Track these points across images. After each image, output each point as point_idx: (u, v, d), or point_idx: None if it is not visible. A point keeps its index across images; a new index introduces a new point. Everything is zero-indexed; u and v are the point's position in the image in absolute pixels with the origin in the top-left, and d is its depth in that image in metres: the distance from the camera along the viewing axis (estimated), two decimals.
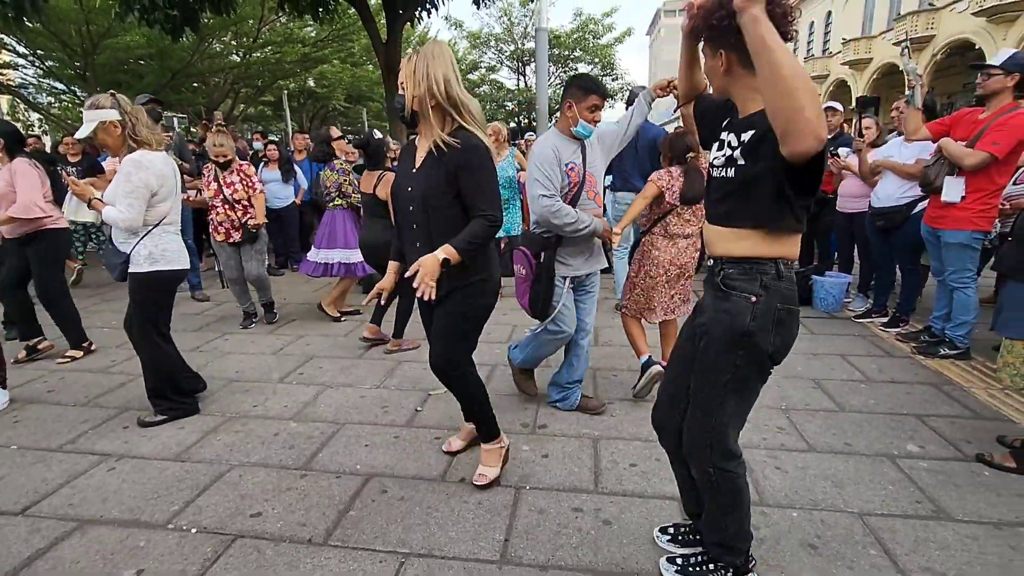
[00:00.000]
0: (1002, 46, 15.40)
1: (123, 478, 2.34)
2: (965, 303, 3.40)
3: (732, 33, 1.31)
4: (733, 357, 1.45)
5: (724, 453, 1.55)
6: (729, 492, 1.58)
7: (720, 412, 1.52)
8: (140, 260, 2.71)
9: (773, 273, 1.42)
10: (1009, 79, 3.09)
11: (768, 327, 1.42)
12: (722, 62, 1.41)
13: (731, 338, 1.44)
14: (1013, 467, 2.25)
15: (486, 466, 2.27)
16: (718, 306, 1.48)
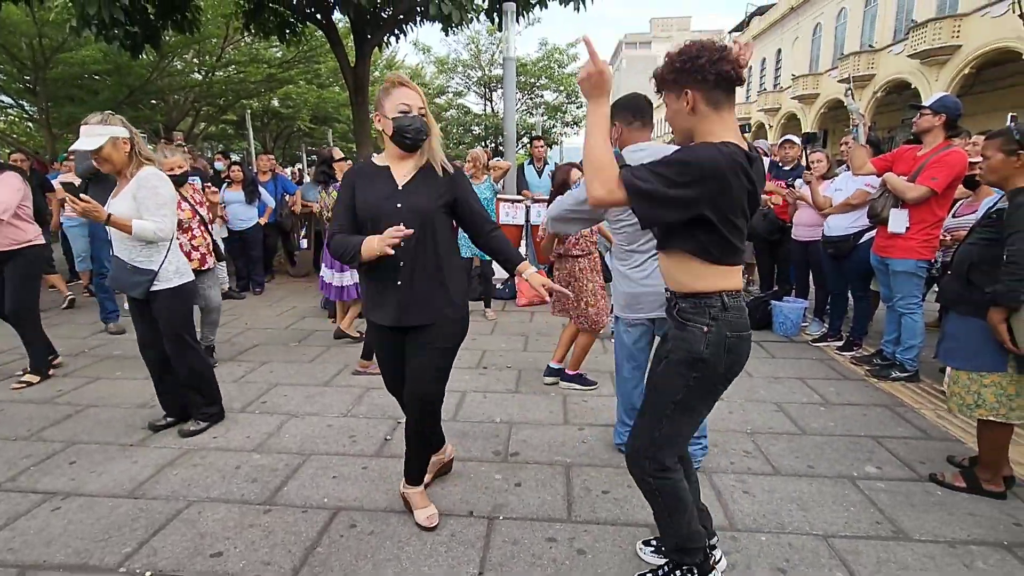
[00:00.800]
0: (934, 86, 16.68)
1: (69, 518, 2.19)
2: (912, 328, 3.59)
3: (699, 73, 1.47)
4: (687, 378, 1.60)
5: (660, 466, 1.67)
6: (670, 496, 1.69)
7: (664, 425, 1.64)
8: (169, 275, 2.79)
9: (719, 306, 1.57)
10: (937, 119, 3.37)
11: (720, 353, 1.57)
12: (687, 101, 1.51)
13: (688, 361, 1.59)
14: (963, 487, 2.36)
15: (426, 507, 2.18)
16: (677, 335, 1.63)
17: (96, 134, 2.59)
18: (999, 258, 2.19)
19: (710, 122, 1.52)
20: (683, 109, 1.53)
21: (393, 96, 1.91)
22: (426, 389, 2.03)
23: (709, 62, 1.46)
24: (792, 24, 27.32)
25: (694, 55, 1.47)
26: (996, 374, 2.25)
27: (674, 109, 1.55)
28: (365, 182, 2.00)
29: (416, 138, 1.93)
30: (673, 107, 1.56)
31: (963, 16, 16.44)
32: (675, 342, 1.62)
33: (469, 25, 8.59)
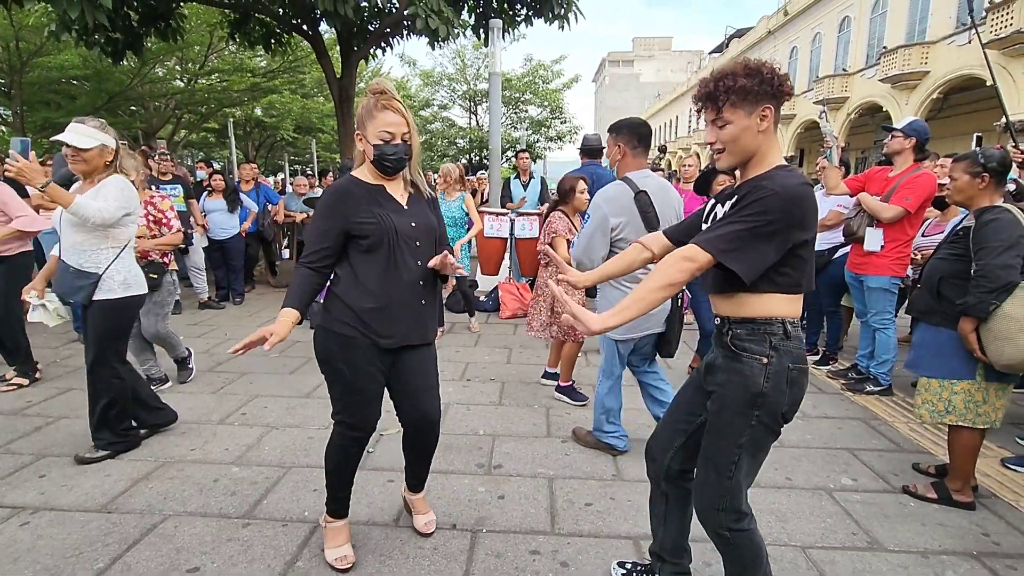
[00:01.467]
0: (904, 109, 17.30)
1: (39, 533, 2.13)
2: (886, 342, 3.69)
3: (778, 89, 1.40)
4: (748, 418, 1.44)
5: (739, 514, 1.54)
6: (749, 549, 1.56)
7: (735, 473, 1.50)
8: (114, 286, 2.64)
9: (781, 333, 1.43)
10: (907, 141, 3.52)
11: (782, 387, 1.43)
12: (764, 117, 1.42)
13: (745, 400, 1.44)
14: (934, 498, 2.43)
15: (426, 513, 2.21)
16: (730, 367, 1.47)
17: (89, 136, 2.54)
18: (967, 272, 2.31)
19: (773, 143, 1.46)
20: (754, 127, 1.42)
21: (377, 120, 1.79)
22: (433, 404, 2.01)
23: (784, 79, 1.40)
24: (769, 47, 28.14)
25: (771, 70, 1.40)
26: (966, 381, 2.35)
27: (742, 126, 1.42)
28: (367, 202, 1.83)
29: (397, 166, 1.85)
30: (741, 124, 1.42)
31: (931, 43, 17.14)
32: (727, 375, 1.47)
33: (455, 40, 8.68)
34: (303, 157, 27.02)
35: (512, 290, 6.01)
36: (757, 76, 1.39)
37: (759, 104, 1.41)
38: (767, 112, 1.42)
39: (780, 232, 1.35)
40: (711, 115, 1.47)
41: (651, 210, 2.51)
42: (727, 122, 1.44)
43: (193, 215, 5.95)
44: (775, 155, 1.47)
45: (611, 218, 2.51)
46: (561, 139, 24.49)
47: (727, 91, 1.40)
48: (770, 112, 1.42)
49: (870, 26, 20.76)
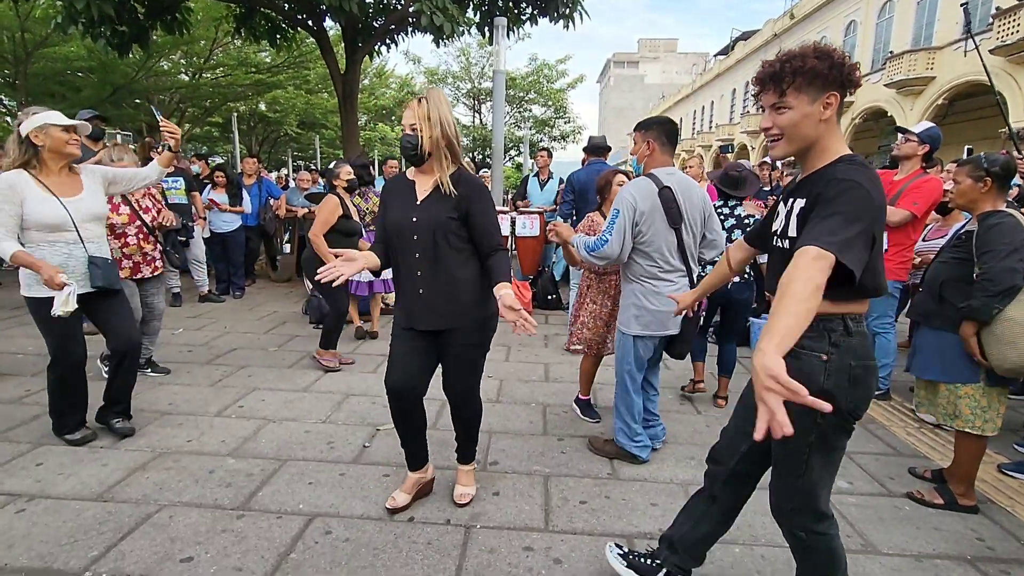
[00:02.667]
0: (910, 115, 17.26)
1: (34, 521, 2.13)
2: (885, 347, 3.68)
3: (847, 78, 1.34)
4: (813, 417, 1.30)
5: (816, 515, 1.49)
6: (825, 553, 1.52)
7: (807, 474, 1.45)
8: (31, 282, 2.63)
9: (841, 329, 1.39)
10: (921, 148, 3.50)
11: (845, 384, 1.38)
12: (827, 105, 1.35)
13: None
14: (940, 503, 2.42)
15: (468, 486, 2.40)
16: (788, 365, 1.34)
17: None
18: (969, 276, 2.31)
19: (836, 134, 1.40)
20: (817, 115, 1.36)
21: (402, 120, 2.06)
22: (462, 382, 2.23)
23: (854, 67, 1.34)
24: (775, 50, 27.58)
25: (843, 55, 1.34)
26: (969, 386, 2.35)
27: (804, 113, 1.35)
28: (395, 195, 2.15)
29: (407, 155, 2.05)
30: (802, 111, 1.35)
31: (937, 49, 17.10)
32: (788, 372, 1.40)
33: (460, 38, 8.68)
34: (306, 153, 27.07)
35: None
36: (828, 60, 1.32)
37: (825, 90, 1.34)
38: (832, 100, 1.35)
39: (870, 227, 1.30)
40: (772, 98, 1.39)
41: (674, 206, 2.52)
42: (788, 107, 1.37)
43: (195, 207, 5.95)
44: (840, 145, 1.40)
45: (637, 209, 2.50)
46: (565, 139, 24.49)
47: (794, 72, 1.33)
48: (835, 100, 1.36)
49: (876, 31, 20.73)
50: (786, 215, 1.48)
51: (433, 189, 2.09)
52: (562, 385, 3.86)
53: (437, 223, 2.04)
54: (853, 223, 1.26)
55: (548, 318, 5.88)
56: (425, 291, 2.08)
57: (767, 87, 1.40)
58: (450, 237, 2.06)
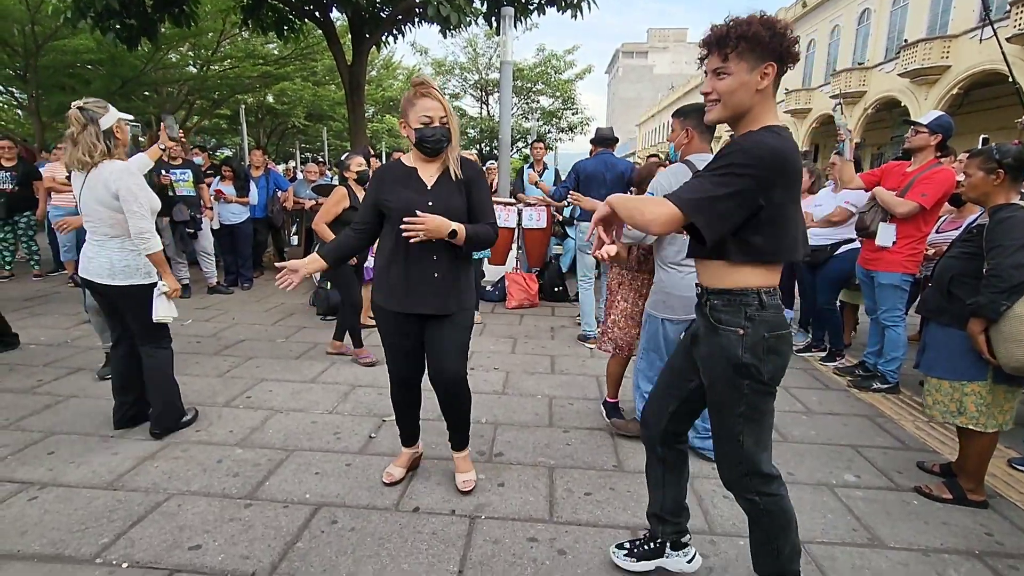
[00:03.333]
0: (924, 105, 16.98)
1: (46, 508, 2.17)
2: (895, 340, 3.64)
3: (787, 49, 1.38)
4: (740, 387, 1.48)
5: (762, 477, 1.56)
6: (779, 514, 1.58)
7: (744, 440, 1.53)
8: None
9: (756, 304, 1.46)
10: (932, 138, 3.42)
11: (761, 355, 1.46)
12: (764, 75, 1.39)
13: (731, 370, 1.48)
14: (950, 498, 2.40)
15: (469, 472, 2.42)
16: (711, 339, 1.51)
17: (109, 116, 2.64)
18: (979, 271, 2.25)
19: (769, 105, 1.44)
20: (753, 83, 1.40)
21: (417, 107, 2.03)
22: (451, 366, 2.18)
23: (794, 41, 1.38)
24: None
25: (784, 29, 1.38)
26: (976, 383, 2.31)
27: (741, 80, 1.40)
28: (395, 181, 2.14)
29: (436, 147, 2.07)
30: (741, 78, 1.40)
31: (953, 37, 16.77)
32: (709, 347, 1.52)
33: (467, 28, 8.63)
34: (314, 145, 27.08)
35: (519, 280, 6.00)
36: (771, 28, 1.36)
37: (764, 60, 1.38)
38: (769, 70, 1.39)
39: (747, 191, 1.34)
40: (715, 63, 1.43)
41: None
42: (728, 72, 1.41)
43: (203, 199, 5.98)
44: (769, 118, 1.44)
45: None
46: (572, 130, 24.30)
47: (739, 37, 1.37)
48: (772, 71, 1.40)
49: (890, 18, 20.35)
50: None
51: (440, 174, 2.13)
52: (568, 377, 3.86)
53: (453, 210, 2.08)
54: (719, 183, 1.33)
55: (554, 310, 5.87)
56: (441, 275, 2.11)
57: (712, 51, 1.44)
58: (462, 222, 2.10)
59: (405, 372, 2.30)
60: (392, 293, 2.14)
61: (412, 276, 2.11)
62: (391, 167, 2.20)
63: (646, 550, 1.90)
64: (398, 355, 2.26)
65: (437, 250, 2.09)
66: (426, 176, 2.14)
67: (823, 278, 4.24)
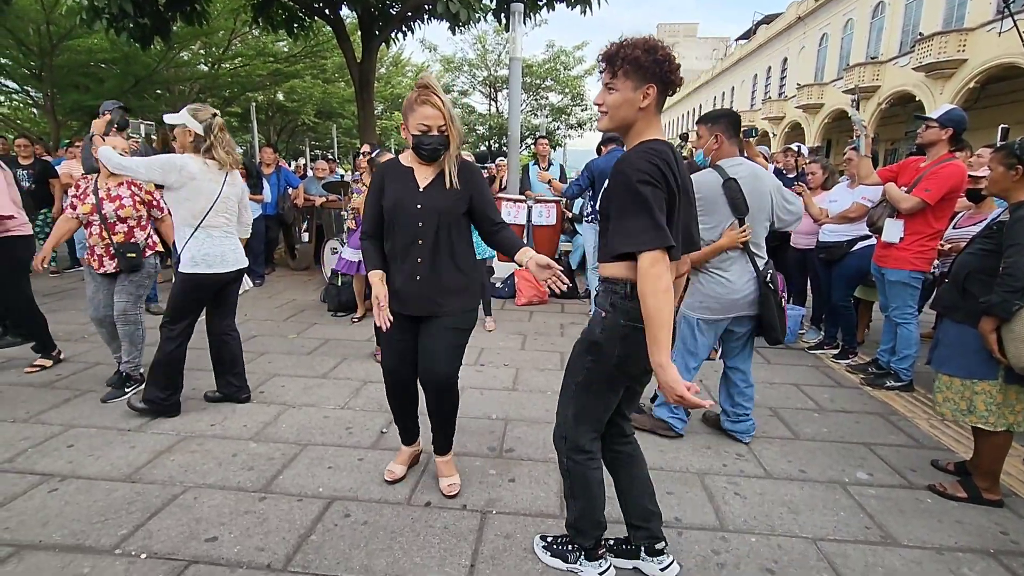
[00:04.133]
0: (939, 99, 16.74)
1: (66, 500, 2.21)
2: (908, 337, 3.60)
3: (667, 74, 1.52)
4: (584, 361, 1.67)
5: (574, 447, 1.75)
6: (579, 479, 1.77)
7: (571, 406, 1.73)
8: (185, 261, 2.90)
9: (623, 292, 1.57)
10: (944, 132, 3.36)
11: (614, 340, 1.59)
12: (646, 95, 1.53)
13: (586, 345, 1.67)
14: (964, 497, 2.38)
15: (452, 475, 2.38)
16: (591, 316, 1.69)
17: (178, 116, 2.89)
18: (996, 269, 2.21)
19: (650, 121, 1.59)
20: (636, 102, 1.54)
21: (416, 113, 2.01)
22: (439, 368, 2.15)
23: (674, 70, 1.53)
24: (799, 34, 27.39)
25: (670, 58, 1.52)
26: (987, 382, 2.28)
27: (626, 97, 1.54)
28: (392, 181, 2.13)
29: (432, 156, 2.07)
30: (625, 95, 1.54)
31: (969, 31, 16.51)
32: (588, 326, 1.71)
33: (476, 24, 8.61)
34: (324, 142, 27.22)
35: (528, 277, 6.01)
36: (652, 54, 1.50)
37: (646, 82, 1.52)
38: (650, 91, 1.52)
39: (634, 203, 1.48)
40: (607, 77, 1.58)
41: (740, 196, 2.57)
42: (616, 88, 1.55)
43: None
44: (651, 132, 1.58)
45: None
46: (582, 126, 24.23)
47: (623, 59, 1.51)
48: (652, 92, 1.53)
49: (905, 12, 20.07)
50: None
51: (436, 177, 2.12)
52: None
53: (443, 212, 2.08)
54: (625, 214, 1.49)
55: (564, 307, 5.87)
56: (422, 278, 2.09)
57: (605, 67, 1.58)
58: (452, 225, 2.11)
59: (398, 372, 2.27)
60: (395, 292, 2.14)
61: (399, 276, 2.11)
62: (389, 166, 2.20)
63: (626, 550, 1.94)
64: (392, 354, 2.25)
65: (421, 252, 2.08)
66: (421, 177, 2.12)
67: (839, 275, 4.20)
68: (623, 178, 1.49)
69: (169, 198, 2.89)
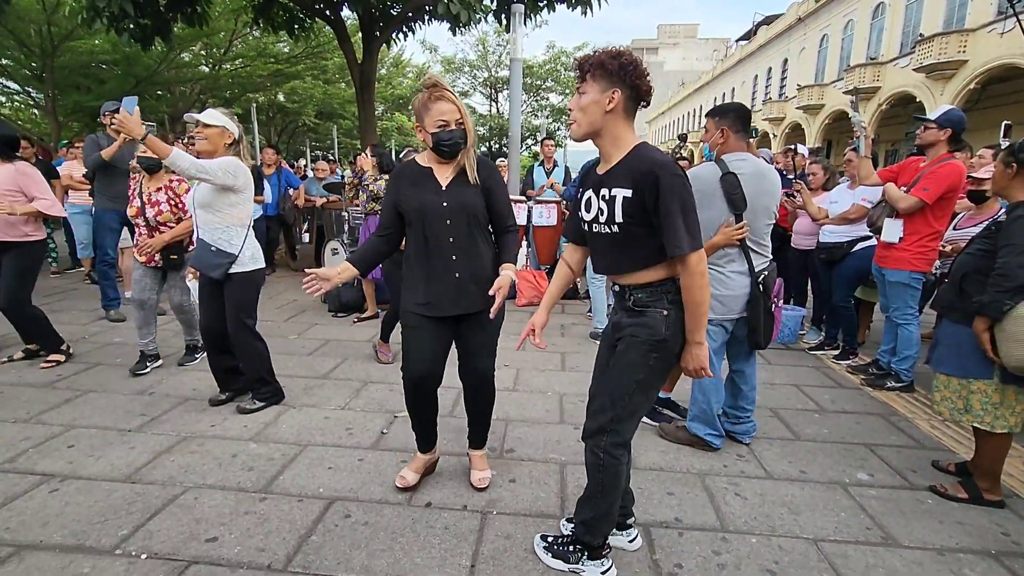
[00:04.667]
0: (940, 100, 16.73)
1: (67, 500, 2.22)
2: (908, 338, 3.60)
3: (634, 81, 1.59)
4: (648, 359, 1.72)
5: (619, 442, 1.77)
6: (612, 475, 1.79)
7: (627, 403, 1.74)
8: (245, 260, 2.97)
9: (674, 289, 1.69)
10: (942, 133, 3.36)
11: (678, 334, 1.70)
12: (611, 99, 1.61)
13: (650, 344, 1.71)
14: (965, 497, 2.38)
15: (484, 470, 2.43)
16: (636, 320, 1.73)
17: (215, 117, 2.92)
18: (991, 269, 2.22)
19: (619, 126, 1.66)
20: (602, 104, 1.62)
21: (432, 111, 2.03)
22: (484, 364, 2.25)
23: (641, 76, 1.61)
24: (799, 34, 27.39)
25: (636, 65, 1.60)
26: (982, 381, 2.28)
27: (593, 99, 1.63)
28: (411, 182, 2.15)
29: (453, 149, 2.08)
30: (592, 97, 1.63)
31: (970, 31, 16.50)
32: (633, 328, 1.73)
33: (477, 25, 8.63)
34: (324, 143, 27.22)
35: (528, 277, 6.01)
36: (617, 60, 1.60)
37: (612, 85, 1.60)
38: (615, 95, 1.60)
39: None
40: (578, 83, 1.67)
41: (738, 192, 2.50)
42: (584, 92, 1.64)
43: None
44: (631, 139, 1.67)
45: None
46: None
47: (591, 64, 1.62)
48: (618, 96, 1.60)
49: (906, 12, 20.05)
50: (608, 203, 1.67)
51: (456, 175, 2.14)
52: (579, 374, 3.86)
53: (469, 208, 2.10)
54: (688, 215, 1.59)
55: (564, 307, 5.87)
56: (461, 275, 2.11)
57: (577, 75, 1.68)
58: (480, 220, 2.14)
59: (428, 379, 2.21)
60: (419, 296, 2.14)
61: (433, 278, 2.11)
62: (407, 168, 2.20)
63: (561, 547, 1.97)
64: (422, 361, 2.18)
65: (455, 250, 2.10)
66: (441, 176, 2.14)
67: (839, 276, 4.20)
68: (682, 180, 1.57)
69: (224, 200, 2.91)
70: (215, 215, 2.92)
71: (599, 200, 1.70)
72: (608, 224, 1.68)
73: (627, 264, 1.72)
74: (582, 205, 1.79)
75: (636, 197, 1.60)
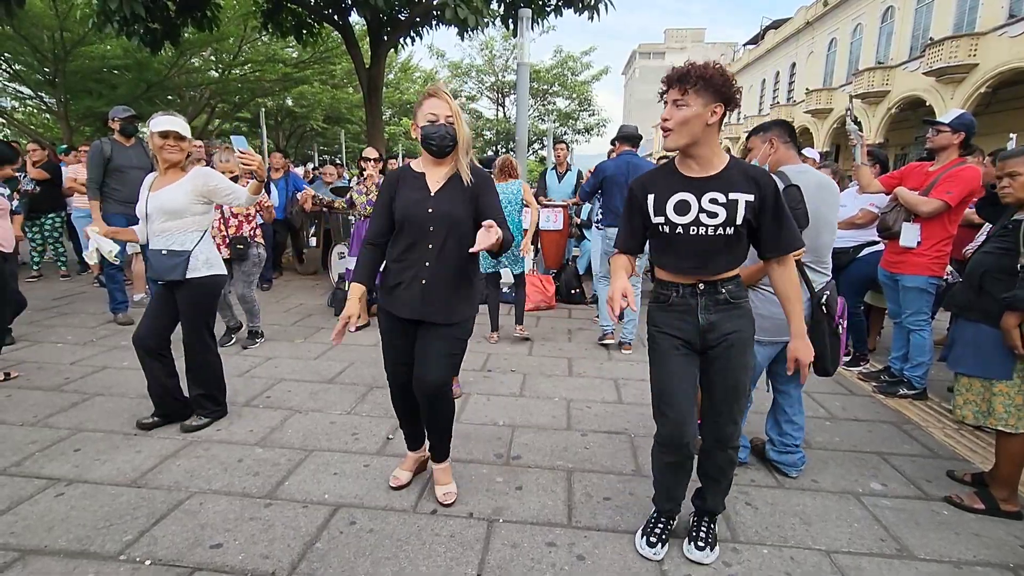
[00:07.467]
0: (949, 104, 16.59)
1: (72, 504, 2.21)
2: (921, 345, 3.55)
3: (732, 97, 1.69)
4: (752, 349, 1.90)
5: (740, 430, 1.95)
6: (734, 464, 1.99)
7: (742, 402, 1.91)
8: (199, 265, 2.86)
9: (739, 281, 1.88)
10: (955, 136, 3.33)
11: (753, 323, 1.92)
12: (714, 113, 1.69)
13: (751, 335, 1.89)
14: (982, 508, 2.33)
15: (449, 484, 2.35)
16: (732, 316, 1.84)
17: (185, 127, 2.87)
18: (1012, 267, 2.21)
19: (715, 136, 1.75)
20: (705, 117, 1.69)
21: (424, 107, 2.06)
22: (436, 375, 2.12)
23: (739, 92, 1.71)
24: (807, 38, 27.29)
25: (733, 79, 1.70)
26: (1004, 383, 2.24)
27: (695, 113, 1.68)
28: (403, 186, 2.14)
29: (441, 144, 2.06)
30: (695, 111, 1.68)
31: (980, 35, 16.37)
32: (737, 321, 1.84)
33: (484, 30, 8.65)
34: (332, 147, 27.38)
35: (536, 282, 5.98)
36: (723, 77, 1.67)
37: (716, 100, 1.68)
38: (718, 110, 1.69)
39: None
40: (675, 95, 1.70)
41: (800, 207, 2.28)
42: (686, 104, 1.68)
43: None
44: (719, 150, 1.79)
45: None
46: (589, 131, 24.27)
47: (699, 77, 1.66)
48: (720, 111, 1.69)
49: (915, 16, 19.93)
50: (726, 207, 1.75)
51: (447, 181, 2.12)
52: (586, 380, 3.83)
53: (453, 217, 2.08)
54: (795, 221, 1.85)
55: (571, 312, 5.84)
56: (428, 282, 2.09)
57: (674, 86, 1.71)
58: (463, 231, 2.10)
59: (398, 376, 2.25)
60: (388, 293, 2.16)
61: (402, 278, 2.11)
62: (401, 172, 2.20)
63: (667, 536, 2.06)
64: (394, 358, 2.23)
65: (429, 256, 2.08)
66: (432, 180, 2.13)
67: (845, 281, 4.15)
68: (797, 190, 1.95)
69: (199, 208, 2.90)
70: (178, 222, 2.84)
71: (706, 203, 1.75)
72: (725, 226, 1.75)
73: (727, 262, 1.81)
74: (670, 209, 1.79)
75: (757, 201, 1.74)
